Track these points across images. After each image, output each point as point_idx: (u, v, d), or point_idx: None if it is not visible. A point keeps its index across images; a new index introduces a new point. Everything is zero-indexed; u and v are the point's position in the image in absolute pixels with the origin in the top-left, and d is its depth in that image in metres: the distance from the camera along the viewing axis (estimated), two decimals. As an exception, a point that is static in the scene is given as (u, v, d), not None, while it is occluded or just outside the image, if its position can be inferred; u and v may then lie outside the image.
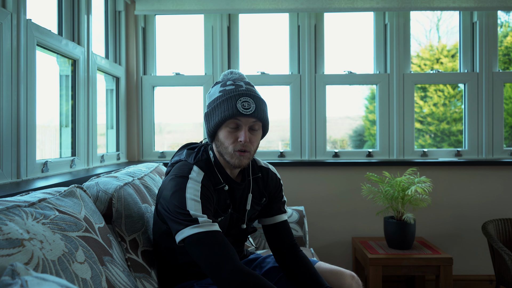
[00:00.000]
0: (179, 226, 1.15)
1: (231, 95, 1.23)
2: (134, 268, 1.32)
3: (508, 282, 2.16)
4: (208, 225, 1.14)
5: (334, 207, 2.76)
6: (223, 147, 1.25)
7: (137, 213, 1.40)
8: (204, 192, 1.21)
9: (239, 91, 1.24)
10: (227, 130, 1.24)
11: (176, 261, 1.36)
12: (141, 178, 1.63)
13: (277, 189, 1.46)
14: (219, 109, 1.23)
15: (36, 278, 0.64)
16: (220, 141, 1.26)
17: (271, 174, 1.45)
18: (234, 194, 1.34)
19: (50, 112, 2.02)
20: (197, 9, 2.75)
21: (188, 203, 1.16)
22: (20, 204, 0.92)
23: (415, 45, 3.06)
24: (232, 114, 1.21)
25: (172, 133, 3.18)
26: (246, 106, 1.22)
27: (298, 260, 1.36)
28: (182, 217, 1.15)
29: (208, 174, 1.28)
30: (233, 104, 1.21)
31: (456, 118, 3.02)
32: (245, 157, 1.25)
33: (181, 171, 1.26)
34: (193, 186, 1.20)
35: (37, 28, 1.72)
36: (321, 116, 2.83)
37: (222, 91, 1.26)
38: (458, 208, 2.76)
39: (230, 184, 1.32)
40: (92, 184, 1.39)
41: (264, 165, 1.47)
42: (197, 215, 1.15)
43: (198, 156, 1.31)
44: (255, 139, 1.27)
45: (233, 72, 1.32)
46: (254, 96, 1.25)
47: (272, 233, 1.43)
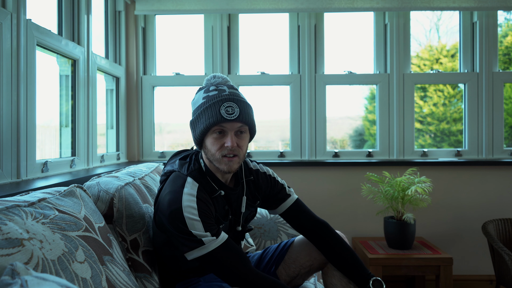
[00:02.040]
0: (186, 248, 1.18)
1: (214, 101, 1.22)
2: (135, 268, 1.32)
3: (508, 282, 2.16)
4: (213, 242, 1.17)
5: (334, 207, 2.76)
6: (211, 154, 1.25)
7: (138, 213, 1.40)
8: (201, 207, 1.20)
9: (222, 96, 1.22)
10: (213, 137, 1.23)
11: (179, 268, 1.37)
12: (141, 178, 1.63)
13: (271, 186, 1.46)
14: (204, 117, 1.22)
15: (36, 278, 0.64)
16: (207, 148, 1.25)
17: (261, 175, 1.45)
18: (230, 200, 1.34)
19: (50, 112, 2.03)
20: (197, 9, 2.75)
21: (188, 224, 1.17)
22: (19, 204, 0.92)
23: (415, 45, 3.06)
24: (216, 120, 1.20)
25: (172, 133, 3.18)
26: (230, 111, 1.20)
27: (329, 241, 1.40)
28: (187, 238, 1.17)
29: (203, 183, 1.27)
30: (217, 111, 1.20)
31: (456, 118, 3.02)
32: (234, 161, 1.24)
33: (175, 185, 1.25)
34: (188, 204, 1.19)
35: (37, 28, 1.72)
36: (321, 116, 2.83)
37: (206, 97, 1.24)
38: (458, 208, 2.76)
39: (224, 190, 1.32)
40: (93, 184, 1.39)
41: (253, 167, 1.46)
42: (201, 235, 1.16)
43: (190, 166, 1.30)
44: (242, 143, 1.26)
45: (216, 76, 1.30)
46: (237, 100, 1.23)
47: (291, 218, 1.46)
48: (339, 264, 1.38)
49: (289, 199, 1.45)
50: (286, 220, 1.46)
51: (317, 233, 1.41)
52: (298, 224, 1.43)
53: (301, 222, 1.43)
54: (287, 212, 1.44)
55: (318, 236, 1.41)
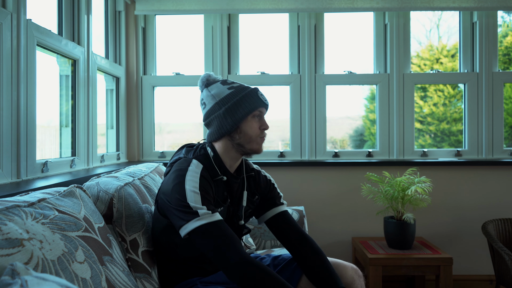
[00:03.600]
0: (181, 222, 1.21)
1: (249, 90, 1.37)
2: (135, 268, 1.32)
3: (508, 282, 2.16)
4: (209, 216, 1.20)
5: (334, 207, 2.76)
6: (248, 136, 1.36)
7: (137, 213, 1.40)
8: (202, 183, 1.26)
9: (251, 87, 1.38)
10: (253, 119, 1.36)
11: (177, 256, 1.37)
12: (141, 178, 1.64)
13: (269, 189, 1.52)
14: (245, 103, 1.34)
15: (36, 278, 0.64)
16: (244, 132, 1.35)
17: (262, 176, 1.53)
18: (231, 187, 1.39)
19: (50, 112, 2.03)
20: (197, 9, 2.75)
21: (188, 195, 1.22)
22: (19, 204, 0.92)
23: (415, 45, 3.06)
24: (258, 105, 1.35)
25: (172, 133, 3.18)
26: (264, 97, 1.38)
27: (309, 253, 1.39)
28: (184, 211, 1.20)
29: (207, 166, 1.35)
30: (256, 96, 1.36)
31: (456, 118, 3.02)
32: (263, 142, 1.40)
33: (180, 165, 1.33)
34: (192, 178, 1.26)
35: (37, 28, 1.72)
36: (321, 116, 2.83)
37: (231, 87, 1.38)
38: (458, 208, 2.76)
39: (228, 176, 1.38)
40: (93, 184, 1.40)
41: (256, 168, 1.55)
42: (197, 207, 1.20)
43: (196, 152, 1.40)
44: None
45: (211, 74, 1.42)
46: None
47: (275, 226, 1.47)
48: (313, 278, 1.36)
49: (281, 207, 1.49)
50: (272, 227, 1.48)
51: (300, 247, 1.41)
52: (284, 234, 1.44)
53: (287, 232, 1.44)
54: (275, 218, 1.47)
55: (299, 249, 1.41)
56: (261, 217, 1.50)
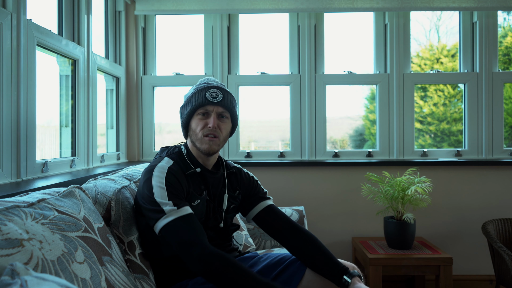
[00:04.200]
0: (152, 221, 1.25)
1: (201, 88, 1.40)
2: (133, 269, 1.32)
3: (508, 282, 2.16)
4: (174, 212, 1.22)
5: (334, 207, 2.76)
6: (195, 134, 1.38)
7: (133, 217, 1.41)
8: (169, 177, 1.29)
9: (209, 85, 1.41)
10: (198, 118, 1.38)
11: (162, 255, 1.38)
12: (137, 181, 1.64)
13: (252, 185, 1.54)
14: (191, 101, 1.40)
15: (35, 278, 0.64)
16: (192, 130, 1.39)
17: (244, 173, 1.56)
18: (207, 181, 1.41)
19: (50, 112, 2.03)
20: (197, 9, 2.75)
21: (154, 190, 1.26)
22: (19, 205, 0.93)
23: (415, 45, 3.06)
24: (201, 102, 1.37)
25: (172, 133, 3.18)
26: (214, 95, 1.37)
27: (302, 242, 1.39)
28: (153, 209, 1.24)
29: (178, 162, 1.38)
30: (203, 95, 1.38)
31: (456, 118, 3.02)
32: (214, 142, 1.37)
33: (151, 163, 1.39)
34: (158, 174, 1.30)
35: (37, 28, 1.72)
36: (321, 116, 2.83)
37: (195, 88, 1.43)
38: (458, 208, 2.76)
39: (202, 171, 1.41)
40: (91, 187, 1.40)
41: (237, 166, 1.58)
42: (163, 203, 1.23)
43: (170, 150, 1.45)
44: (224, 127, 1.40)
45: (209, 78, 1.47)
46: (222, 89, 1.41)
47: (263, 221, 1.48)
48: (313, 266, 1.36)
49: (268, 201, 1.50)
50: (261, 223, 1.48)
51: (292, 238, 1.41)
52: (273, 227, 1.45)
53: (277, 225, 1.44)
54: (263, 213, 1.47)
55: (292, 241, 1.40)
56: (248, 215, 1.52)
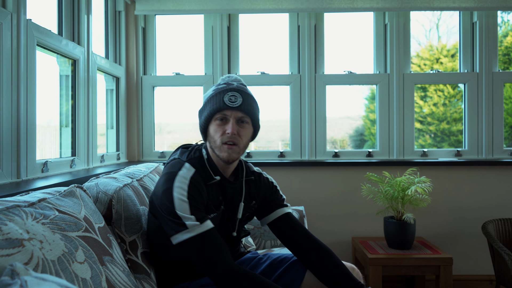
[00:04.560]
0: (171, 231, 1.20)
1: (220, 91, 1.30)
2: (134, 269, 1.32)
3: (508, 282, 2.16)
4: (197, 227, 1.18)
5: (334, 207, 2.76)
6: (213, 140, 1.30)
7: (135, 215, 1.40)
8: (191, 190, 1.23)
9: (228, 87, 1.30)
10: (215, 123, 1.29)
11: (169, 258, 1.36)
12: (139, 180, 1.63)
13: (271, 192, 1.48)
14: (209, 104, 1.30)
15: (35, 278, 0.64)
16: (211, 136, 1.31)
17: (263, 179, 1.48)
18: (225, 192, 1.36)
19: (50, 112, 2.03)
20: (197, 9, 2.75)
21: (176, 203, 1.20)
22: (19, 204, 0.92)
23: (415, 45, 3.06)
24: (219, 107, 1.27)
25: (172, 133, 3.18)
26: (233, 99, 1.27)
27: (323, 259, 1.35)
28: (173, 221, 1.19)
29: (200, 170, 1.30)
30: (221, 98, 1.27)
31: (456, 118, 3.02)
32: (233, 150, 1.28)
33: (172, 168, 1.30)
34: (180, 185, 1.23)
35: (37, 28, 1.72)
36: (321, 116, 2.83)
37: (215, 89, 1.32)
38: (458, 208, 2.76)
39: (222, 180, 1.34)
40: (92, 185, 1.40)
41: (257, 170, 1.50)
42: (185, 217, 1.18)
43: (190, 154, 1.35)
44: (243, 133, 1.30)
45: (230, 76, 1.37)
46: (242, 91, 1.30)
47: (279, 229, 1.43)
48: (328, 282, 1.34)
49: (285, 209, 1.45)
50: (276, 230, 1.43)
51: (309, 252, 1.36)
52: (290, 237, 1.40)
53: (293, 235, 1.39)
54: (279, 221, 1.42)
55: (309, 254, 1.36)
56: (263, 220, 1.47)
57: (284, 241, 1.42)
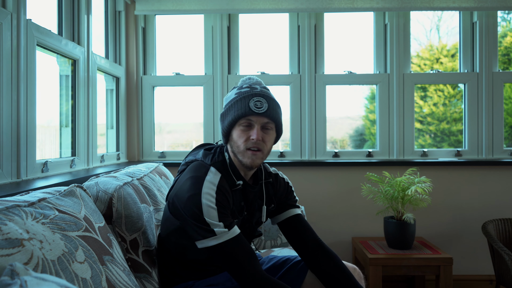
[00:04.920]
0: (197, 236, 1.19)
1: (245, 95, 1.27)
2: (135, 268, 1.32)
3: (508, 282, 2.16)
4: (225, 234, 1.18)
5: (334, 207, 2.76)
6: (236, 146, 1.27)
7: (136, 213, 1.40)
8: (219, 196, 1.22)
9: (253, 92, 1.27)
10: (240, 128, 1.26)
11: (184, 257, 1.36)
12: (140, 179, 1.63)
13: (286, 192, 1.47)
14: (233, 109, 1.27)
15: (35, 278, 0.64)
16: (234, 140, 1.28)
17: (280, 179, 1.48)
18: (247, 196, 1.35)
19: (50, 112, 2.03)
20: (197, 9, 2.75)
21: (204, 210, 1.18)
22: (19, 204, 0.92)
23: (415, 45, 3.06)
24: (245, 112, 1.24)
25: (172, 133, 3.18)
26: (259, 105, 1.25)
27: (328, 259, 1.36)
28: (200, 226, 1.18)
29: (225, 175, 1.29)
30: (246, 103, 1.25)
31: (456, 118, 3.02)
32: (257, 156, 1.26)
33: (197, 171, 1.27)
34: (208, 191, 1.21)
35: (37, 28, 1.72)
36: (321, 116, 2.83)
37: (238, 93, 1.30)
38: (458, 208, 2.76)
39: (244, 185, 1.33)
40: (92, 184, 1.39)
41: (273, 171, 1.49)
42: (213, 224, 1.18)
43: (214, 157, 1.32)
44: (268, 139, 1.29)
45: (251, 78, 1.35)
46: (267, 97, 1.28)
47: (289, 228, 1.43)
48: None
49: (297, 209, 1.46)
50: (286, 230, 1.43)
51: (314, 252, 1.37)
52: (300, 238, 1.40)
53: (301, 236, 1.40)
54: (290, 221, 1.42)
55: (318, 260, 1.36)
56: (274, 218, 1.47)
57: (292, 242, 1.42)
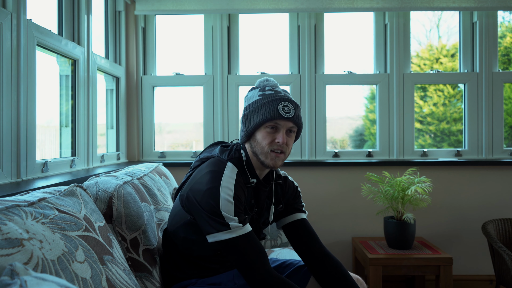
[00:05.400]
0: (211, 229, 1.20)
1: (272, 99, 1.30)
2: (135, 268, 1.32)
3: (508, 282, 2.16)
4: (239, 229, 1.19)
5: (334, 207, 2.76)
6: (260, 147, 1.30)
7: (136, 212, 1.40)
8: (237, 190, 1.24)
9: (279, 96, 1.31)
10: (266, 131, 1.29)
11: (191, 252, 1.36)
12: (140, 178, 1.63)
13: (294, 196, 1.49)
14: (260, 111, 1.29)
15: (35, 278, 0.64)
16: (257, 141, 1.31)
17: (289, 182, 1.50)
18: (259, 195, 1.37)
19: (50, 112, 2.03)
20: (197, 9, 2.75)
21: (222, 203, 1.20)
22: (19, 204, 0.92)
23: (415, 45, 3.06)
24: (273, 116, 1.27)
25: (172, 133, 3.18)
26: (287, 110, 1.28)
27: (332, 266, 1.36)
28: (215, 219, 1.19)
29: (240, 171, 1.32)
30: (275, 107, 1.28)
31: (456, 118, 3.02)
32: (279, 158, 1.30)
33: (216, 166, 1.30)
34: (227, 185, 1.23)
35: (37, 28, 1.72)
36: (321, 116, 2.83)
37: (262, 95, 1.32)
38: (458, 208, 2.76)
39: (257, 183, 1.36)
40: (92, 184, 1.39)
41: (283, 174, 1.52)
42: (229, 218, 1.19)
43: (231, 154, 1.36)
44: (290, 142, 1.33)
45: (269, 79, 1.38)
46: (293, 102, 1.32)
47: (294, 232, 1.44)
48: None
49: (303, 214, 1.47)
50: (291, 233, 1.44)
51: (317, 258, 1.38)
52: (304, 243, 1.41)
53: (306, 241, 1.41)
54: (295, 225, 1.44)
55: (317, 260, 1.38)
56: (280, 221, 1.48)
57: (296, 246, 1.43)
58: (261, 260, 1.19)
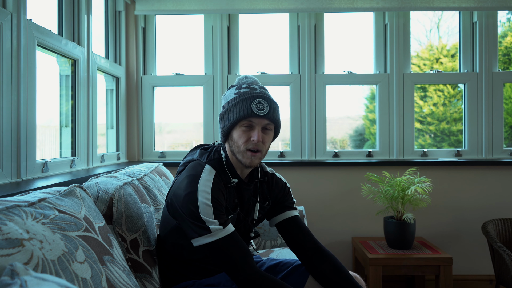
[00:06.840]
0: (193, 234, 1.21)
1: (246, 97, 1.29)
2: (135, 268, 1.32)
3: (508, 282, 2.16)
4: (220, 231, 1.19)
5: (334, 207, 2.76)
6: (236, 146, 1.29)
7: (136, 213, 1.40)
8: (215, 193, 1.24)
9: (253, 93, 1.30)
10: (241, 129, 1.28)
11: (182, 257, 1.37)
12: (140, 179, 1.63)
13: (283, 193, 1.48)
14: (234, 110, 1.28)
15: (35, 278, 0.64)
16: (234, 140, 1.30)
17: (276, 179, 1.49)
18: (242, 194, 1.37)
19: (50, 112, 2.03)
20: (197, 9, 2.75)
21: (200, 207, 1.20)
22: (19, 204, 0.92)
23: (415, 45, 3.06)
24: (247, 114, 1.26)
25: (172, 133, 3.18)
26: (260, 107, 1.27)
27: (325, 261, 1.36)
28: (196, 224, 1.20)
29: (220, 172, 1.31)
30: (248, 105, 1.27)
31: (456, 118, 3.02)
32: (256, 157, 1.29)
33: (193, 170, 1.30)
34: (204, 188, 1.23)
35: (37, 28, 1.72)
36: (321, 116, 2.83)
37: (237, 93, 1.31)
38: (458, 208, 2.76)
39: (239, 183, 1.35)
40: (92, 184, 1.39)
41: (270, 171, 1.51)
42: (209, 221, 1.19)
43: (210, 155, 1.35)
44: (267, 139, 1.32)
45: (248, 77, 1.38)
46: (268, 99, 1.31)
47: (286, 230, 1.43)
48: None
49: (294, 211, 1.46)
50: (283, 231, 1.43)
51: (317, 261, 1.37)
52: (297, 240, 1.40)
53: (299, 238, 1.40)
54: (287, 222, 1.43)
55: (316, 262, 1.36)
56: (272, 220, 1.48)
57: (290, 244, 1.43)
58: (245, 260, 1.19)
